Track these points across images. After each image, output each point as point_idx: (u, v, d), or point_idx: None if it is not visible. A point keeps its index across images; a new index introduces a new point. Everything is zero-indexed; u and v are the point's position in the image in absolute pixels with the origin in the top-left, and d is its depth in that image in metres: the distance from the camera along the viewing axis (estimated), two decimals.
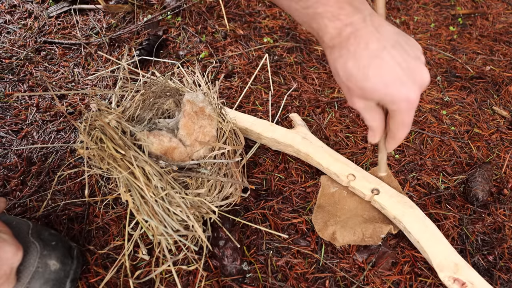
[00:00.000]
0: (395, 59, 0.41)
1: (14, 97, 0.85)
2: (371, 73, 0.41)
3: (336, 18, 0.41)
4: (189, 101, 0.63)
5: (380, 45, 0.41)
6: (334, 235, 0.57)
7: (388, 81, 0.41)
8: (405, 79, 0.41)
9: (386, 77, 0.41)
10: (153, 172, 0.53)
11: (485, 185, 0.64)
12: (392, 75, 0.41)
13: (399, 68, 0.41)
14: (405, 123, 0.46)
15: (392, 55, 0.41)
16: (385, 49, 0.41)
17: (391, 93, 0.42)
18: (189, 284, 0.54)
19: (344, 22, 0.41)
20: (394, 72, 0.41)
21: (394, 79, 0.41)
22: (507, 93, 0.85)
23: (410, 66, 0.42)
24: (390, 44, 0.41)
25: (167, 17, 1.07)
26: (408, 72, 0.41)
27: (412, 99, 0.42)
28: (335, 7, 0.41)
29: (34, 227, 0.53)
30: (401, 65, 0.41)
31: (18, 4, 1.13)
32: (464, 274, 0.50)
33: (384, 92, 0.42)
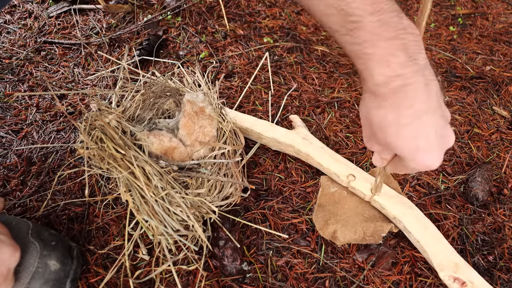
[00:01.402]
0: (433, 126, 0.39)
1: (14, 97, 0.85)
2: (406, 133, 0.39)
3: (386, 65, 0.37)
4: (189, 101, 0.63)
5: (425, 107, 0.38)
6: (335, 234, 0.57)
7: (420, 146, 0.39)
8: (435, 147, 0.40)
9: (419, 142, 0.39)
10: (153, 172, 0.53)
11: (485, 185, 0.64)
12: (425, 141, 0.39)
13: (434, 136, 0.39)
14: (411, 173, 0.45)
15: (432, 121, 0.38)
16: (428, 113, 0.38)
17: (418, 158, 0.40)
18: (189, 284, 0.54)
19: (396, 72, 0.37)
20: (428, 139, 0.39)
21: (426, 146, 0.39)
22: (507, 93, 0.85)
23: (444, 133, 0.40)
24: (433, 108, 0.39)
25: (167, 17, 1.07)
26: (441, 140, 0.40)
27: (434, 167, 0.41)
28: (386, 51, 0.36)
29: (34, 227, 0.53)
30: (436, 133, 0.39)
31: (18, 4, 1.13)
32: (464, 274, 0.50)
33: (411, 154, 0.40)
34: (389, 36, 0.36)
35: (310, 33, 1.02)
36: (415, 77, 0.37)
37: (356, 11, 0.36)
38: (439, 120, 0.39)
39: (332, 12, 0.37)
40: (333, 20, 0.37)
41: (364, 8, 0.35)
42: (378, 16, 0.36)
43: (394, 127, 0.39)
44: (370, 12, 0.36)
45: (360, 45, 0.37)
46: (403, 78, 0.37)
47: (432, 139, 0.39)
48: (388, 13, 0.36)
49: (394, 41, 0.36)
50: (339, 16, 0.37)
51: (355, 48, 0.38)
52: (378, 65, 0.37)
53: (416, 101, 0.37)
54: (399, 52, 0.36)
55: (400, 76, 0.37)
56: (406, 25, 0.37)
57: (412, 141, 0.39)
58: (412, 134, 0.39)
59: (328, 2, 0.36)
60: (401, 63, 0.36)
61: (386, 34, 0.36)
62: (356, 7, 0.35)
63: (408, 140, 0.39)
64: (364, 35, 0.36)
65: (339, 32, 0.38)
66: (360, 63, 0.38)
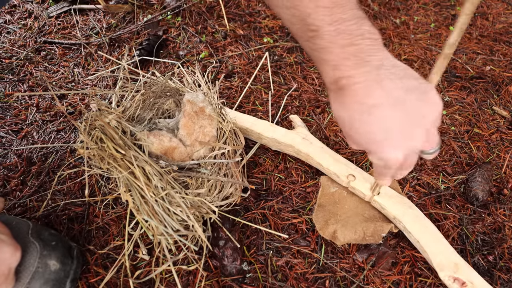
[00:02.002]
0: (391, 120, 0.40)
1: (14, 97, 0.85)
2: (360, 126, 0.41)
3: (337, 68, 0.40)
4: (189, 101, 0.63)
5: (377, 101, 0.39)
6: (335, 234, 0.57)
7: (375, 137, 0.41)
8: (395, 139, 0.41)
9: (374, 134, 0.41)
10: (153, 172, 0.53)
11: (485, 185, 0.64)
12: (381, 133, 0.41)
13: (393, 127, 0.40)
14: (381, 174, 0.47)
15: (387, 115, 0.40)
16: (381, 108, 0.40)
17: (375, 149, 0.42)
18: (189, 284, 0.54)
19: (343, 74, 0.40)
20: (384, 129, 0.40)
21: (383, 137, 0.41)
22: (507, 93, 0.85)
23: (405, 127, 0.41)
24: (390, 102, 0.40)
25: (167, 17, 1.07)
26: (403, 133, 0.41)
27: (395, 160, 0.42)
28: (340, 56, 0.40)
29: (34, 227, 0.53)
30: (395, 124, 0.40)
31: (18, 4, 1.13)
32: (464, 274, 0.50)
33: (368, 146, 0.43)
34: (343, 44, 0.39)
35: None
36: (366, 77, 0.40)
37: (315, 21, 0.39)
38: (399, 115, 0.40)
39: (296, 21, 0.41)
40: (296, 27, 0.41)
41: (322, 19, 0.39)
42: (335, 26, 0.39)
43: (349, 120, 0.42)
44: (328, 22, 0.39)
45: (318, 51, 0.41)
46: (352, 78, 0.40)
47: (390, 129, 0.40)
48: (347, 22, 0.39)
49: (348, 48, 0.39)
50: (301, 25, 0.40)
51: (315, 54, 0.42)
52: (331, 69, 0.40)
53: (367, 98, 0.40)
54: (352, 56, 0.39)
55: (348, 77, 0.40)
56: (364, 31, 0.40)
57: (367, 135, 0.41)
58: (366, 128, 0.41)
59: (292, 12, 0.40)
60: (351, 66, 0.39)
61: (341, 42, 0.39)
62: (315, 18, 0.39)
63: (364, 134, 0.41)
64: (322, 43, 0.40)
65: (302, 39, 0.42)
66: (319, 66, 0.42)
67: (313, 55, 0.42)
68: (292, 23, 0.41)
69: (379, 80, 0.40)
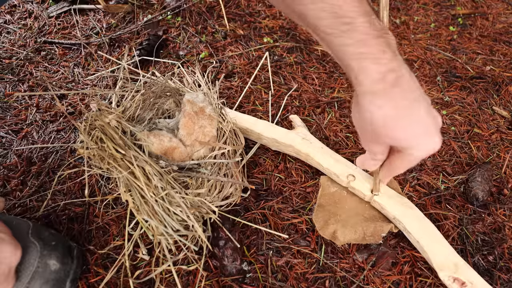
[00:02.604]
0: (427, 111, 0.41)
1: (14, 97, 0.85)
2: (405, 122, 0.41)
3: (378, 62, 0.39)
4: (189, 101, 0.63)
5: (415, 95, 0.41)
6: (335, 234, 0.57)
7: (420, 131, 0.42)
8: (433, 130, 0.42)
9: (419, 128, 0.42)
10: (153, 172, 0.53)
11: (485, 185, 0.64)
12: (424, 126, 0.42)
13: (430, 120, 0.42)
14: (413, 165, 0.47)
15: (423, 106, 0.41)
16: (418, 100, 0.41)
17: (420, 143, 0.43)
18: (189, 284, 0.54)
19: (387, 67, 0.39)
20: (426, 123, 0.41)
21: (425, 130, 0.42)
22: (507, 93, 0.85)
23: (434, 114, 0.42)
24: (420, 94, 0.41)
25: (167, 17, 1.07)
26: (434, 122, 0.42)
27: (437, 149, 0.43)
28: (377, 48, 0.38)
29: (34, 227, 0.53)
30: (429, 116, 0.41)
31: (18, 4, 1.13)
32: (463, 274, 0.50)
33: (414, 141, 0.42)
34: (376, 35, 0.39)
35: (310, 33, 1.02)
36: (402, 69, 0.40)
37: (348, 13, 0.38)
38: (426, 104, 0.42)
39: (325, 16, 0.39)
40: (326, 23, 0.39)
41: (354, 10, 0.38)
42: (367, 17, 0.38)
43: (395, 120, 0.41)
44: (361, 13, 0.38)
45: (353, 46, 0.39)
46: (395, 71, 0.39)
47: (428, 123, 0.42)
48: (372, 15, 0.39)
49: (381, 39, 0.39)
50: (332, 19, 0.38)
51: (349, 49, 0.39)
52: (372, 63, 0.39)
53: (407, 91, 0.40)
54: (386, 48, 0.39)
55: (393, 70, 0.39)
56: (383, 26, 0.40)
57: (413, 129, 0.41)
58: (411, 123, 0.41)
59: (321, 6, 0.38)
60: (389, 58, 0.39)
61: (374, 33, 0.38)
62: (348, 9, 0.38)
63: (410, 129, 0.41)
64: (357, 36, 0.38)
65: (334, 35, 0.39)
66: (355, 63, 0.40)
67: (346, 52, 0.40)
68: (320, 18, 0.39)
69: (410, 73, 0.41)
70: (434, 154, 0.72)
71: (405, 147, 0.44)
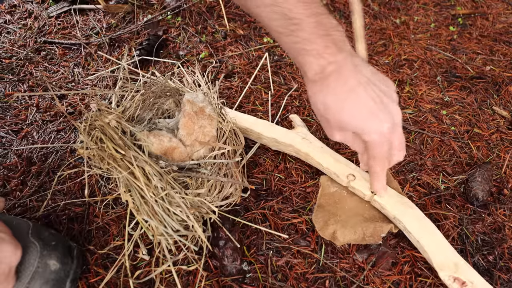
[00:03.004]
0: (369, 94, 0.45)
1: (14, 97, 0.85)
2: (347, 106, 0.45)
3: (321, 56, 0.44)
4: (189, 101, 0.63)
5: (357, 81, 0.44)
6: (335, 234, 0.57)
7: (363, 113, 0.45)
8: (378, 112, 0.45)
9: (361, 110, 0.45)
10: (153, 172, 0.53)
11: (485, 185, 0.64)
12: (366, 108, 0.45)
13: (373, 103, 0.45)
14: (377, 156, 0.49)
15: (367, 90, 0.45)
16: (361, 85, 0.44)
17: (365, 125, 0.46)
18: (189, 284, 0.54)
19: (328, 60, 0.44)
20: (368, 105, 0.45)
21: (368, 112, 0.45)
22: (507, 93, 0.85)
23: (383, 101, 0.45)
24: (365, 81, 0.45)
25: (167, 17, 1.07)
26: (381, 106, 0.45)
27: (383, 132, 0.46)
28: (321, 45, 0.44)
29: (34, 227, 0.53)
30: (374, 100, 0.45)
31: (18, 4, 1.13)
32: (464, 274, 0.50)
33: (358, 123, 0.45)
34: (322, 34, 0.44)
35: None
36: (345, 61, 0.45)
37: (297, 15, 0.43)
38: (375, 90, 0.45)
39: (277, 17, 0.44)
40: (277, 24, 0.45)
41: (303, 12, 0.43)
42: (314, 18, 0.44)
43: (336, 104, 0.45)
44: (307, 15, 0.43)
45: (301, 43, 0.44)
46: (336, 63, 0.44)
47: (371, 105, 0.45)
48: (321, 15, 0.44)
49: (327, 37, 0.44)
50: (283, 20, 0.44)
51: (297, 46, 0.45)
52: (315, 58, 0.44)
53: (349, 77, 0.44)
54: (331, 44, 0.44)
55: (333, 62, 0.44)
56: (334, 24, 0.45)
57: (354, 112, 0.45)
58: (351, 106, 0.45)
59: (273, 9, 0.44)
60: (332, 53, 0.44)
61: (320, 32, 0.44)
62: (297, 12, 0.43)
63: (350, 112, 0.45)
64: (304, 35, 0.44)
65: (283, 34, 0.45)
66: (301, 58, 0.46)
67: (294, 48, 0.45)
68: (272, 19, 0.45)
69: (355, 64, 0.45)
70: (433, 153, 0.72)
71: (357, 131, 0.47)
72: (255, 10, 0.46)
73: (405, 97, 0.83)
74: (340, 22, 1.05)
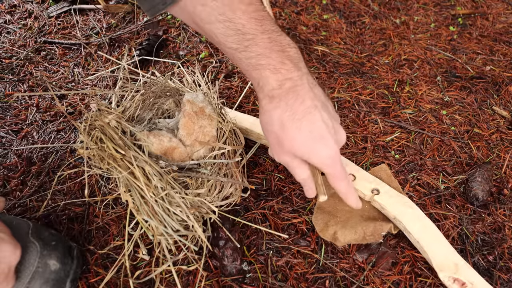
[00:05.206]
0: (323, 118, 0.46)
1: (14, 97, 0.85)
2: (303, 125, 0.45)
3: (278, 71, 0.45)
4: (189, 101, 0.63)
5: (313, 103, 0.45)
6: (336, 235, 0.57)
7: (315, 136, 0.45)
8: (328, 136, 0.46)
9: (314, 132, 0.45)
10: (153, 172, 0.53)
11: (485, 185, 0.64)
12: (318, 131, 0.45)
13: (325, 126, 0.45)
14: (336, 175, 0.49)
15: (321, 114, 0.46)
16: (316, 108, 0.45)
17: (317, 149, 0.46)
18: (189, 284, 0.54)
19: (286, 76, 0.45)
20: (320, 129, 0.45)
21: (320, 135, 0.45)
22: (507, 93, 0.85)
23: (334, 126, 0.47)
24: (320, 105, 0.46)
25: (167, 17, 1.08)
26: (332, 131, 0.46)
27: (332, 155, 0.47)
28: (277, 60, 0.44)
29: (34, 227, 0.53)
30: (327, 124, 0.46)
31: (18, 4, 1.13)
32: (464, 274, 0.50)
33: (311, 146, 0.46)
34: (277, 49, 0.45)
35: (310, 33, 1.02)
36: (302, 80, 0.45)
37: (250, 30, 0.44)
38: (327, 115, 0.46)
39: (231, 33, 0.44)
40: (232, 39, 0.45)
41: (256, 28, 0.44)
42: (267, 34, 0.44)
43: (292, 122, 0.45)
44: (261, 31, 0.44)
45: (255, 58, 0.45)
46: (292, 80, 0.45)
47: (324, 130, 0.45)
48: (274, 33, 0.45)
49: (282, 53, 0.45)
50: (237, 36, 0.44)
51: (252, 61, 0.45)
52: (272, 72, 0.45)
53: (306, 98, 0.45)
54: (287, 60, 0.45)
55: (290, 79, 0.45)
56: (288, 42, 0.46)
57: (308, 133, 0.45)
58: (307, 126, 0.45)
59: (227, 25, 0.44)
60: (289, 69, 0.45)
61: (275, 48, 0.45)
62: (250, 27, 0.44)
63: (305, 133, 0.45)
64: (258, 50, 0.44)
65: (238, 50, 0.45)
66: (256, 73, 0.46)
67: (250, 64, 0.46)
68: (227, 35, 0.45)
69: (312, 85, 0.46)
70: (433, 153, 0.72)
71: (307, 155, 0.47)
72: (208, 27, 0.46)
73: (405, 97, 0.83)
74: (340, 21, 1.05)
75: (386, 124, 0.77)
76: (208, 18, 0.45)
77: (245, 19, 0.44)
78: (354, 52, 0.95)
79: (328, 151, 0.46)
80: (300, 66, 0.46)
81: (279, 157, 0.50)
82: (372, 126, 0.76)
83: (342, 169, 0.49)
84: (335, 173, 0.49)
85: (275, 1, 1.14)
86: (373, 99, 0.82)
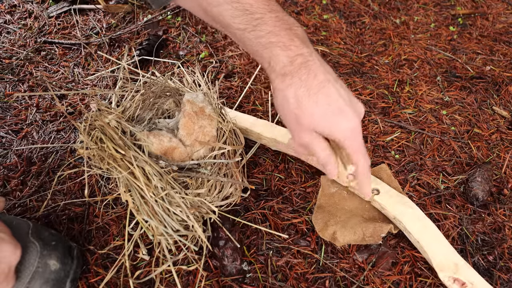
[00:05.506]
0: (339, 91, 0.46)
1: (14, 97, 0.85)
2: (320, 99, 0.45)
3: (288, 48, 0.45)
4: (189, 101, 0.63)
5: (326, 77, 0.45)
6: (335, 235, 0.57)
7: (334, 109, 0.45)
8: (348, 109, 0.45)
9: (332, 105, 0.45)
10: (153, 172, 0.53)
11: (485, 185, 0.64)
12: (337, 104, 0.45)
13: (342, 100, 0.45)
14: (356, 149, 0.48)
15: (336, 87, 0.46)
16: (330, 81, 0.45)
17: (337, 122, 0.46)
18: (189, 284, 0.54)
19: (296, 52, 0.45)
20: (338, 102, 0.45)
21: (339, 108, 0.45)
22: (507, 93, 0.85)
23: (350, 98, 0.47)
24: (333, 78, 0.46)
25: (167, 17, 1.07)
26: (349, 103, 0.46)
27: (355, 127, 0.46)
28: (286, 38, 0.45)
29: (34, 227, 0.53)
30: (343, 97, 0.46)
31: (18, 4, 1.13)
32: (464, 274, 0.50)
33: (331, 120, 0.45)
34: (285, 27, 0.45)
35: (310, 33, 1.02)
36: (312, 56, 0.46)
37: (258, 10, 0.45)
38: (342, 88, 0.47)
39: (239, 14, 0.45)
40: (239, 20, 0.46)
41: (263, 7, 0.45)
42: (274, 13, 0.46)
43: (308, 97, 0.45)
44: (268, 10, 0.45)
45: (265, 37, 0.45)
46: (303, 56, 0.45)
47: (341, 102, 0.45)
48: (281, 12, 0.47)
49: (290, 31, 0.46)
50: (245, 16, 0.45)
51: (262, 40, 0.46)
52: (282, 50, 0.45)
53: (318, 72, 0.45)
54: (295, 38, 0.45)
55: (301, 54, 0.45)
56: (294, 21, 0.47)
57: (326, 106, 0.45)
58: (324, 99, 0.45)
59: (235, 6, 0.45)
60: (298, 46, 0.45)
61: (284, 26, 0.45)
62: (258, 7, 0.45)
63: (323, 106, 0.45)
64: (267, 28, 0.45)
65: (247, 30, 0.46)
66: (267, 52, 0.46)
67: (259, 43, 0.46)
68: (235, 16, 0.46)
69: (321, 61, 0.47)
70: (433, 153, 0.72)
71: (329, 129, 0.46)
72: (216, 9, 0.46)
73: (405, 97, 0.83)
74: (340, 21, 1.05)
75: (386, 124, 0.77)
76: (216, 1, 0.45)
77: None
78: (354, 52, 0.95)
79: (349, 123, 0.46)
80: (308, 44, 0.46)
81: (300, 138, 0.49)
82: (372, 126, 0.76)
83: (362, 143, 0.48)
84: (357, 146, 0.48)
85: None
86: (373, 99, 0.82)
